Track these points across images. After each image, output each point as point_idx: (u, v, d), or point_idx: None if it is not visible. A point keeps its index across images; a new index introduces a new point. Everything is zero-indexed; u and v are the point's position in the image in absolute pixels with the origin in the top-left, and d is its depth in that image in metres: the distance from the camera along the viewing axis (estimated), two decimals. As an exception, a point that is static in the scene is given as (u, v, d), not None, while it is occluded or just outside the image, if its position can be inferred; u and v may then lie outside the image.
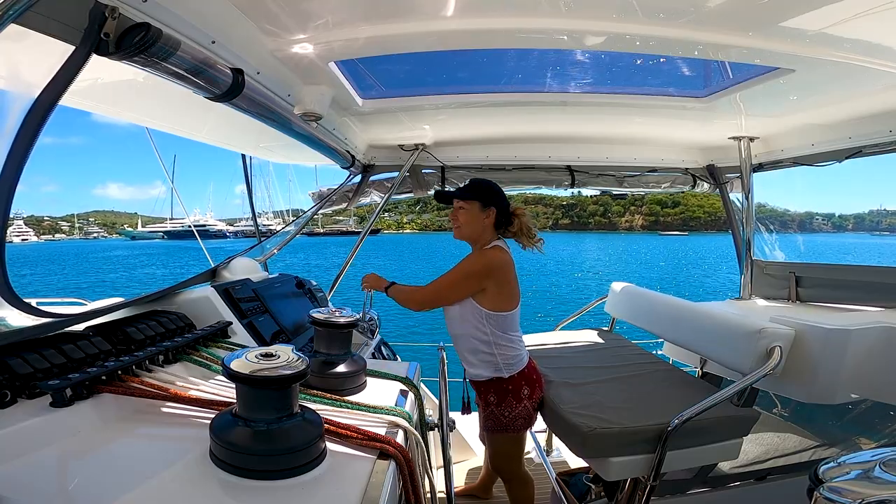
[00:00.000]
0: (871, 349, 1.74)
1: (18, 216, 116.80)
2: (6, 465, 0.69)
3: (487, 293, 1.73)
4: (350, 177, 2.89)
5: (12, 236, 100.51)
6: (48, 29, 0.77)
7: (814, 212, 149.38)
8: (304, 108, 1.68)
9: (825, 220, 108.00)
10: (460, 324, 1.79)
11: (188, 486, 0.70)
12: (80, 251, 59.74)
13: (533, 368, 1.87)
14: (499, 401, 1.79)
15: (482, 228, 1.79)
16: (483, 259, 1.74)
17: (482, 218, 1.77)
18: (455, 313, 1.80)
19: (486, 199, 1.77)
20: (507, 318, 1.75)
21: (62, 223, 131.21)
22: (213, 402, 0.93)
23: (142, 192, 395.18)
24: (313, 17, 1.24)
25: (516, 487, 1.91)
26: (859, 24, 1.23)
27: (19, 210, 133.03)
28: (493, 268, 1.72)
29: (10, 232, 0.89)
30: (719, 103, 2.02)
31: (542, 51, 1.69)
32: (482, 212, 1.77)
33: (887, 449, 0.71)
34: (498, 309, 1.73)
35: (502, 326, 1.75)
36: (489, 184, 1.83)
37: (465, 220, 1.79)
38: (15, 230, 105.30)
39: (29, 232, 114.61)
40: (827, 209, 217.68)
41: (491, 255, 1.74)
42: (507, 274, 1.74)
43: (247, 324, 1.50)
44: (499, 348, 1.76)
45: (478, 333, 1.75)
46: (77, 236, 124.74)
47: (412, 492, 0.87)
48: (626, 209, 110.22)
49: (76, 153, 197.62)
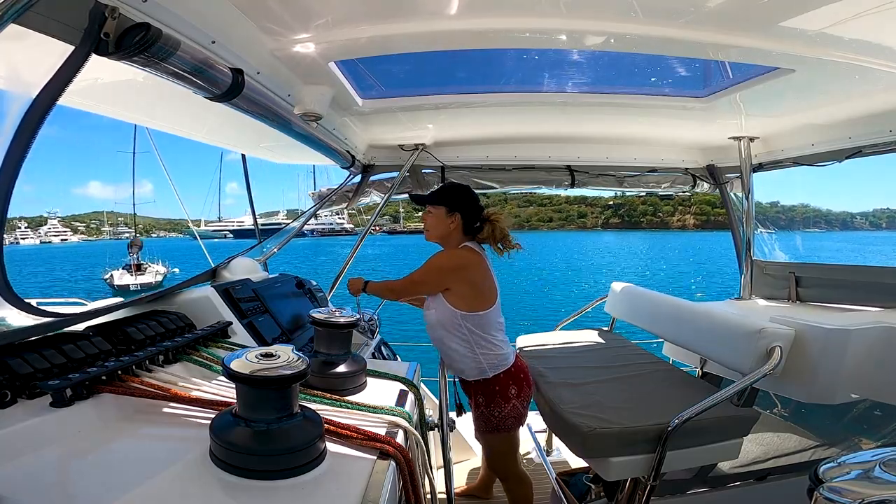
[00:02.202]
0: (871, 349, 1.73)
1: (53, 215, 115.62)
2: (6, 465, 0.69)
3: (458, 293, 1.76)
4: (350, 177, 2.89)
5: (50, 236, 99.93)
6: (48, 29, 0.77)
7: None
8: (304, 108, 1.68)
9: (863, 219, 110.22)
10: (439, 328, 1.81)
11: (188, 486, 0.70)
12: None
13: (520, 367, 1.86)
14: (487, 401, 1.80)
15: (448, 232, 1.83)
16: (446, 256, 1.82)
17: (447, 222, 1.82)
18: (433, 318, 1.82)
19: (451, 205, 1.82)
20: (482, 317, 1.76)
21: (75, 223, 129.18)
22: (214, 402, 0.93)
23: (124, 190, 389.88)
24: (313, 17, 1.24)
25: (514, 486, 1.92)
26: (859, 24, 1.23)
27: (55, 210, 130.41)
28: (456, 265, 1.78)
29: (45, 231, 0.89)
30: (719, 103, 2.02)
31: (542, 51, 1.69)
32: (447, 217, 1.82)
33: (887, 449, 0.71)
34: (472, 309, 1.75)
35: (480, 326, 1.76)
36: (458, 189, 1.88)
37: (432, 223, 1.85)
38: (50, 230, 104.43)
39: (67, 231, 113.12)
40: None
41: (454, 254, 1.81)
42: (472, 273, 1.77)
43: (247, 324, 1.50)
44: (480, 348, 1.76)
45: (457, 335, 1.77)
46: (95, 237, 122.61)
47: (412, 492, 0.87)
48: (676, 209, 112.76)
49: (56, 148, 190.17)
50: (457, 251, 1.81)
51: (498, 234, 1.84)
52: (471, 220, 1.83)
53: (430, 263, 1.81)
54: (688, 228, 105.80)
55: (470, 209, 1.83)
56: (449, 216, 1.82)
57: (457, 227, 1.82)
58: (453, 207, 1.82)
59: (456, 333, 1.77)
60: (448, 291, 1.77)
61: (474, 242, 1.85)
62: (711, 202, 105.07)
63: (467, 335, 1.76)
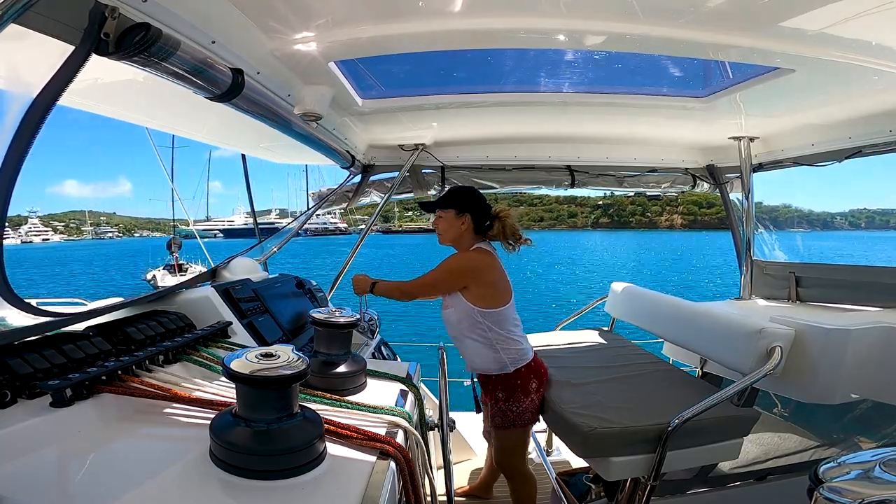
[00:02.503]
0: (871, 349, 1.73)
1: (34, 214, 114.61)
2: (6, 465, 0.69)
3: (475, 292, 1.79)
4: (350, 177, 2.89)
5: (31, 236, 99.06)
6: (48, 29, 0.77)
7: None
8: (304, 108, 1.68)
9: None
10: (458, 326, 1.84)
11: (188, 486, 0.70)
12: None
13: (539, 362, 1.91)
14: (507, 396, 1.83)
15: (459, 234, 1.86)
16: (459, 259, 1.84)
17: (458, 225, 1.85)
18: (452, 316, 1.84)
19: (460, 207, 1.85)
20: (500, 313, 1.80)
21: (55, 223, 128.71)
22: (214, 402, 0.93)
23: (103, 189, 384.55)
24: (313, 17, 1.24)
25: (519, 485, 1.92)
26: (859, 24, 1.23)
27: (35, 208, 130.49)
28: (469, 268, 1.81)
29: (25, 231, 0.89)
30: (719, 103, 2.02)
31: (542, 51, 1.69)
32: (457, 219, 1.85)
33: (887, 449, 0.71)
34: (490, 306, 1.79)
35: (499, 322, 1.79)
36: (464, 192, 1.92)
37: (444, 227, 1.89)
38: (31, 229, 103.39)
39: (48, 231, 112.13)
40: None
41: (468, 257, 1.83)
42: (487, 274, 1.80)
43: (247, 324, 1.50)
44: (501, 344, 1.80)
45: (477, 332, 1.80)
46: (76, 237, 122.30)
47: (412, 492, 0.87)
48: (664, 209, 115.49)
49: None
50: (469, 254, 1.84)
51: (508, 230, 1.87)
52: (481, 219, 1.86)
53: (444, 266, 1.82)
54: (676, 228, 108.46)
55: (479, 209, 1.86)
56: (459, 218, 1.85)
57: (468, 228, 1.85)
58: (462, 209, 1.85)
59: (476, 330, 1.80)
60: (465, 290, 1.79)
61: (486, 242, 1.89)
62: (698, 203, 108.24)
63: (487, 332, 1.79)
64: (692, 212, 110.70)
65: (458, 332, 1.85)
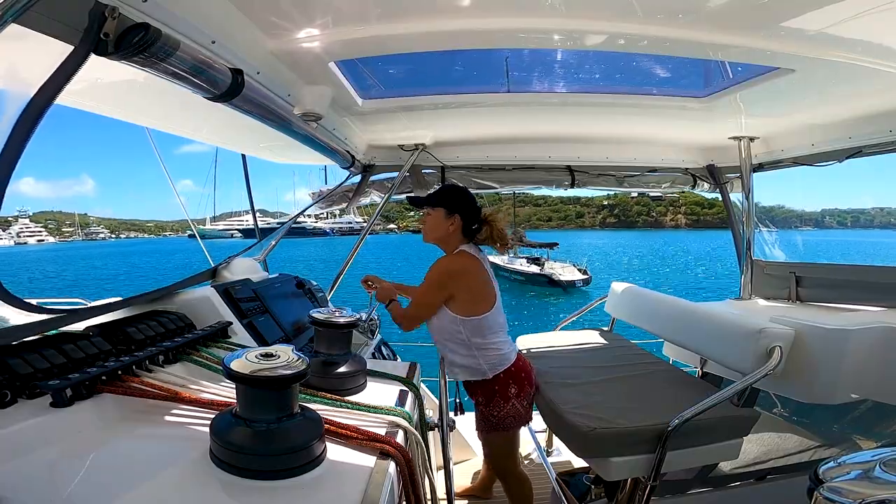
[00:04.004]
0: (871, 349, 1.73)
1: (24, 213, 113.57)
2: (6, 465, 0.69)
3: (456, 299, 1.76)
4: (350, 177, 2.89)
5: (24, 237, 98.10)
6: (48, 29, 0.77)
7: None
8: (304, 109, 1.68)
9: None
10: (439, 331, 1.82)
11: (188, 486, 0.70)
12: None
13: (521, 366, 1.87)
14: (486, 401, 1.82)
15: (446, 234, 1.83)
16: (440, 267, 1.79)
17: (446, 224, 1.81)
18: (433, 324, 1.83)
19: (450, 207, 1.81)
20: (480, 321, 1.77)
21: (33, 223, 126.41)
22: (214, 403, 0.93)
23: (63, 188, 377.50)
24: (313, 17, 1.24)
25: (513, 486, 1.92)
26: (859, 24, 1.23)
27: (25, 207, 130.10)
28: (450, 273, 1.77)
29: (17, 232, 0.89)
30: (719, 103, 2.02)
31: (542, 51, 1.69)
32: (446, 219, 1.81)
33: (887, 449, 0.71)
34: (469, 314, 1.76)
35: (478, 330, 1.77)
36: (457, 191, 1.88)
37: (430, 225, 1.84)
38: (24, 230, 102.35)
39: (42, 231, 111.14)
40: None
41: (448, 262, 1.80)
42: (468, 279, 1.77)
43: (247, 324, 1.50)
44: (478, 350, 1.78)
45: (456, 338, 1.78)
46: (66, 238, 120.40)
47: (412, 492, 0.87)
48: (668, 209, 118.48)
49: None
50: (448, 259, 1.81)
51: (496, 234, 1.85)
52: (469, 221, 1.84)
53: (427, 281, 1.79)
54: (681, 227, 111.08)
55: (469, 211, 1.83)
56: (448, 218, 1.81)
57: (456, 229, 1.82)
58: (453, 209, 1.81)
59: (455, 338, 1.78)
60: (450, 299, 1.77)
61: (471, 245, 1.86)
62: (701, 203, 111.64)
63: (466, 339, 1.77)
64: (695, 212, 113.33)
65: (438, 336, 1.84)
